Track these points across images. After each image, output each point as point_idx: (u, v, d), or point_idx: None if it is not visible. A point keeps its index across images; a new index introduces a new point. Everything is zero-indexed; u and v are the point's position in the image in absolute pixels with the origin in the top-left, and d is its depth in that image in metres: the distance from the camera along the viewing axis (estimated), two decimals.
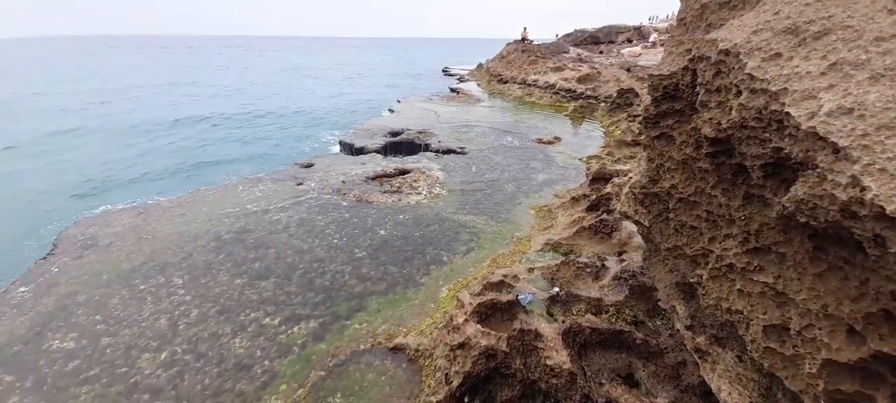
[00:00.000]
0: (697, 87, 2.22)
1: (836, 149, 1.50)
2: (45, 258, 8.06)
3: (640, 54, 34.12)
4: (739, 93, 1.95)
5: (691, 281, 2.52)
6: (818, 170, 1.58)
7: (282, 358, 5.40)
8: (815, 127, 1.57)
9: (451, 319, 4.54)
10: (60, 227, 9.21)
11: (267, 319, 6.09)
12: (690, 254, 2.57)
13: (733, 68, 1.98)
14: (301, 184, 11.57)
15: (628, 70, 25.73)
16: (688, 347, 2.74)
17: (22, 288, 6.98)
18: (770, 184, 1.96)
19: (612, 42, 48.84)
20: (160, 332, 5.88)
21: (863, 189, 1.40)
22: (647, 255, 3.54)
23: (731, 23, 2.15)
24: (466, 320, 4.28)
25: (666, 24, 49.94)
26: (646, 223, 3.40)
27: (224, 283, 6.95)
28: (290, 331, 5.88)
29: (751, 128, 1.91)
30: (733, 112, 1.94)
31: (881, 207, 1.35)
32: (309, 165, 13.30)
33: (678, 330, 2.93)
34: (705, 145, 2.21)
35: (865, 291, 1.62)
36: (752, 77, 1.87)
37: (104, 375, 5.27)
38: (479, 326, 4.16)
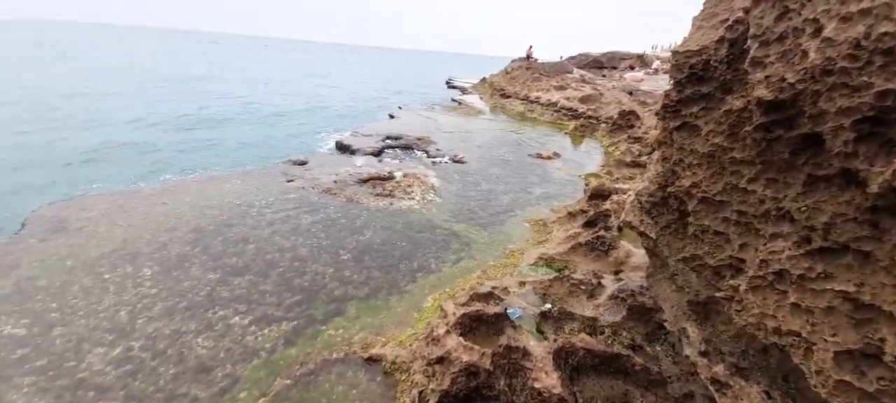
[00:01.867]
0: (749, 42, 1.86)
1: None
2: (10, 237, 7.61)
3: (642, 79, 34.34)
4: (818, 29, 1.55)
5: (718, 294, 2.12)
6: None
7: (246, 363, 4.95)
8: None
9: (432, 330, 4.14)
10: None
11: (236, 318, 5.65)
12: (714, 264, 2.20)
13: (808, 1, 1.59)
14: (292, 180, 11.20)
15: (630, 93, 25.76)
16: (701, 376, 2.37)
17: None
18: (864, 150, 1.50)
19: (614, 67, 49.31)
20: (118, 326, 5.43)
21: None
22: (651, 272, 3.19)
23: None
24: (448, 331, 3.89)
25: (668, 53, 50.58)
26: (652, 234, 3.06)
27: (195, 277, 6.51)
28: (260, 333, 5.44)
29: (839, 71, 1.48)
30: (812, 54, 1.54)
31: None
32: (302, 163, 12.95)
33: (686, 357, 2.57)
34: (756, 115, 1.81)
35: None
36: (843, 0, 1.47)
37: (51, 367, 4.81)
38: (461, 339, 3.76)
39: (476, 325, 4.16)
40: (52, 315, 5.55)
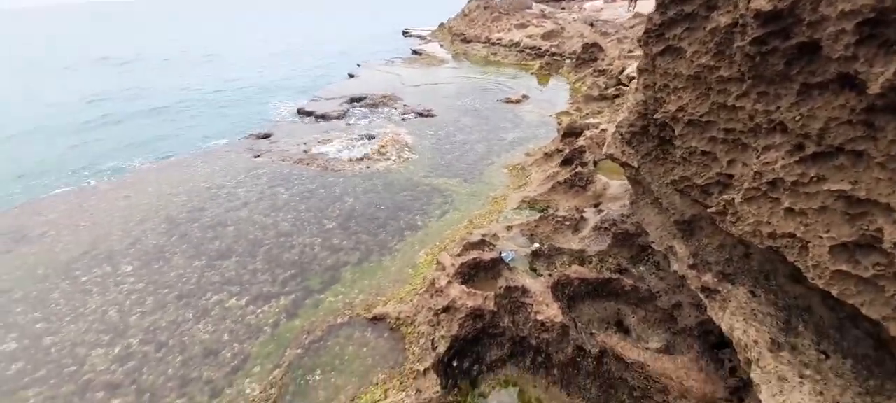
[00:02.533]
0: None
1: None
2: None
3: (602, 8, 33.96)
4: None
5: (709, 210, 2.32)
6: None
7: (253, 340, 5.04)
8: None
9: (434, 282, 4.33)
10: None
11: (232, 301, 5.65)
12: (701, 184, 2.40)
13: None
14: (259, 155, 10.75)
15: (591, 25, 25.56)
16: (692, 287, 2.65)
17: None
18: (864, 52, 1.57)
19: None
20: (111, 325, 5.32)
21: None
22: (634, 199, 3.42)
23: None
24: (450, 282, 4.09)
25: None
26: (635, 163, 3.25)
27: (180, 267, 6.37)
28: (259, 311, 5.50)
29: None
30: None
31: None
32: (266, 135, 12.39)
33: (674, 272, 2.86)
34: (752, 28, 1.89)
35: None
36: None
37: (52, 375, 4.73)
38: (463, 287, 3.98)
39: (474, 272, 4.38)
40: (39, 325, 5.36)
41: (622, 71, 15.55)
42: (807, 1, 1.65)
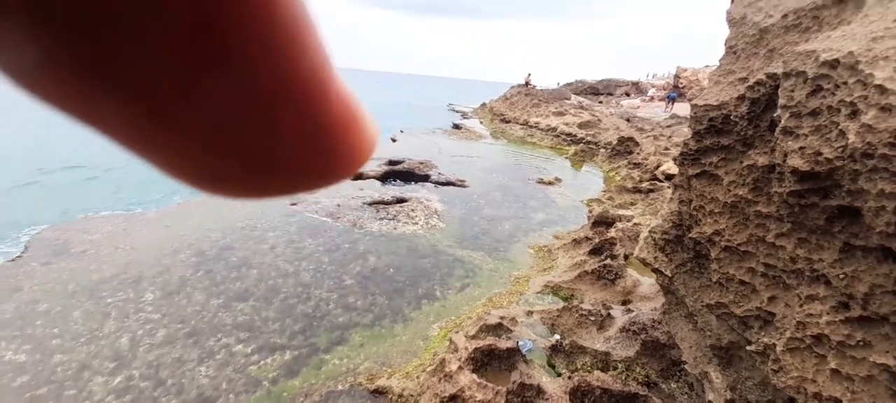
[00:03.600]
0: (779, 112, 1.90)
1: None
2: (13, 260, 7.54)
3: (639, 106, 35.06)
4: (855, 112, 1.58)
5: (749, 348, 2.08)
6: None
7: (249, 393, 4.84)
8: None
9: (443, 364, 4.07)
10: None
11: (239, 346, 5.55)
12: (740, 314, 2.19)
13: (846, 83, 1.62)
14: (295, 204, 11.21)
15: (628, 120, 26.23)
16: None
17: None
18: None
19: (610, 94, 50.40)
20: (119, 353, 5.32)
21: None
22: (666, 309, 3.17)
23: (821, 36, 1.87)
24: (460, 367, 3.83)
25: (664, 82, 51.72)
26: (668, 272, 3.06)
27: (198, 303, 6.43)
28: (262, 362, 5.34)
29: (880, 156, 1.49)
30: (851, 136, 1.56)
31: None
32: None
33: (709, 402, 2.53)
34: (790, 182, 1.84)
35: None
36: (883, 89, 1.51)
37: (51, 396, 4.69)
38: (474, 376, 3.70)
39: (487, 360, 4.10)
40: (54, 341, 5.45)
41: (658, 166, 15.51)
42: (846, 171, 1.61)
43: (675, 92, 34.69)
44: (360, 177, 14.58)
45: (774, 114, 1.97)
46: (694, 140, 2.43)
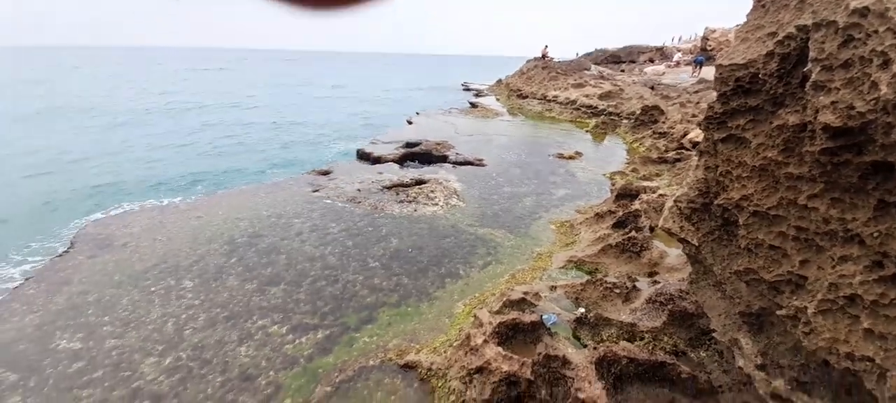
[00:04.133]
0: (809, 65, 1.79)
1: None
2: (60, 255, 8.09)
3: (664, 73, 33.46)
4: (887, 62, 1.48)
5: (780, 313, 2.03)
6: None
7: (287, 370, 5.11)
8: None
9: (469, 338, 4.17)
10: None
11: (274, 327, 5.84)
12: (770, 279, 2.12)
13: (877, 31, 1.52)
14: (317, 190, 11.47)
15: (652, 88, 25.15)
16: (760, 391, 2.29)
17: (35, 286, 6.95)
18: None
19: (633, 61, 48.30)
20: (166, 337, 5.69)
21: None
22: (694, 278, 3.11)
23: None
24: (486, 341, 3.91)
25: (690, 45, 49.10)
26: (694, 241, 3.00)
27: (233, 288, 6.76)
28: (297, 341, 5.61)
29: None
30: (883, 87, 1.46)
31: None
32: (326, 173, 13.24)
33: (740, 368, 2.50)
34: (821, 139, 1.72)
35: None
36: None
37: (107, 378, 5.08)
38: (499, 349, 3.78)
39: (512, 333, 4.17)
40: (105, 328, 5.87)
41: (685, 135, 14.93)
42: (879, 124, 1.51)
43: (703, 55, 32.91)
44: (378, 160, 14.72)
45: (805, 69, 1.86)
46: (719, 103, 2.33)
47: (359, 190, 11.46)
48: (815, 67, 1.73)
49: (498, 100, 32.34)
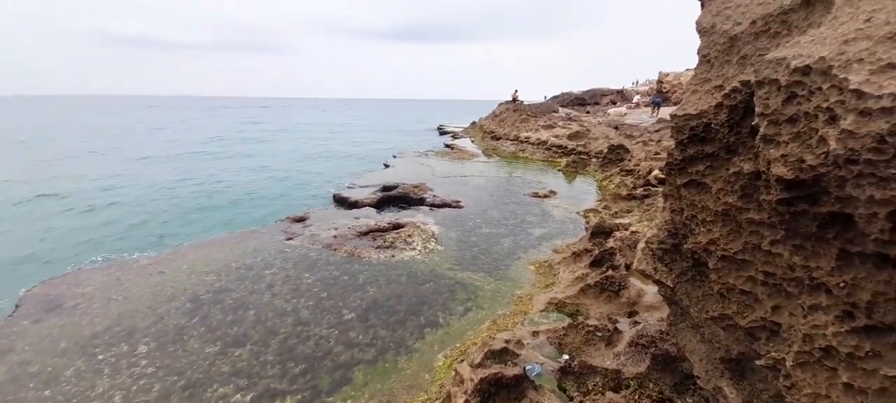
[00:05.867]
0: (756, 120, 1.88)
1: None
2: (6, 319, 7.33)
3: (625, 113, 35.60)
4: (833, 118, 1.54)
5: (759, 363, 1.97)
6: None
7: None
8: None
9: (449, 399, 3.93)
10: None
11: (237, 396, 5.35)
12: (746, 325, 2.11)
13: (820, 88, 1.58)
14: (291, 238, 11.09)
15: (616, 128, 26.57)
16: None
17: None
18: None
19: (596, 103, 51.29)
20: None
21: None
22: (672, 321, 3.09)
23: (791, 42, 1.84)
24: (467, 401, 3.69)
25: (647, 88, 52.79)
26: (669, 283, 3.00)
27: (194, 352, 6.24)
28: None
29: (864, 162, 1.45)
30: (832, 143, 1.50)
31: None
32: (301, 219, 12.90)
33: None
34: (776, 190, 1.78)
35: None
36: (860, 94, 1.46)
37: None
38: None
39: (495, 390, 3.96)
40: None
41: (650, 172, 15.60)
42: (831, 178, 1.57)
43: (660, 96, 35.32)
44: (355, 204, 14.53)
45: (754, 121, 1.95)
46: (678, 150, 2.41)
47: (335, 236, 11.17)
48: (762, 121, 1.81)
49: (473, 141, 33.18)
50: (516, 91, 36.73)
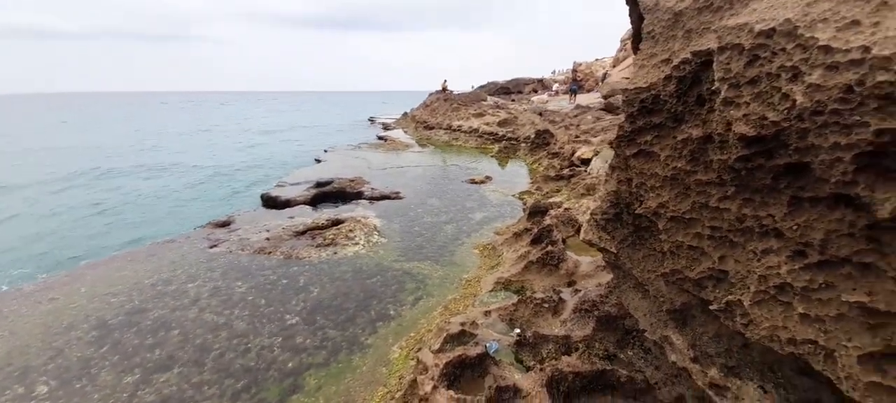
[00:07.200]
0: (716, 84, 2.09)
1: None
2: None
3: (547, 101, 37.98)
4: (797, 75, 1.68)
5: (712, 309, 2.23)
6: None
7: None
8: None
9: (416, 386, 3.90)
10: None
11: None
12: (694, 277, 2.40)
13: (784, 49, 1.73)
14: (215, 246, 10.04)
15: (540, 114, 28.20)
16: (699, 383, 2.52)
17: None
18: (864, 178, 1.60)
19: (520, 92, 53.92)
20: None
21: None
22: (616, 283, 3.40)
23: (746, 11, 2.01)
24: (435, 387, 3.69)
25: (564, 77, 56.76)
26: (613, 249, 3.28)
27: (108, 385, 5.39)
28: None
29: (830, 112, 1.60)
30: (798, 97, 1.67)
31: None
32: (226, 224, 11.72)
33: (674, 363, 2.75)
34: (737, 148, 1.97)
35: None
36: (828, 49, 1.57)
37: None
38: (451, 393, 3.59)
39: (460, 372, 4.02)
40: None
41: (573, 153, 16.87)
42: (793, 131, 1.81)
43: (576, 84, 38.10)
44: (287, 204, 13.60)
45: (703, 89, 2.18)
46: (628, 122, 2.63)
47: (267, 238, 10.35)
48: (722, 85, 2.03)
49: (406, 132, 32.89)
50: (446, 81, 37.14)
